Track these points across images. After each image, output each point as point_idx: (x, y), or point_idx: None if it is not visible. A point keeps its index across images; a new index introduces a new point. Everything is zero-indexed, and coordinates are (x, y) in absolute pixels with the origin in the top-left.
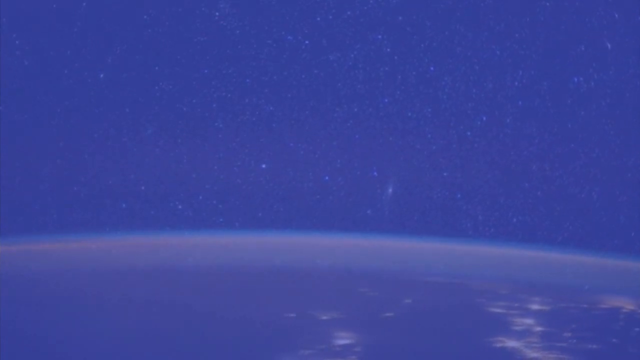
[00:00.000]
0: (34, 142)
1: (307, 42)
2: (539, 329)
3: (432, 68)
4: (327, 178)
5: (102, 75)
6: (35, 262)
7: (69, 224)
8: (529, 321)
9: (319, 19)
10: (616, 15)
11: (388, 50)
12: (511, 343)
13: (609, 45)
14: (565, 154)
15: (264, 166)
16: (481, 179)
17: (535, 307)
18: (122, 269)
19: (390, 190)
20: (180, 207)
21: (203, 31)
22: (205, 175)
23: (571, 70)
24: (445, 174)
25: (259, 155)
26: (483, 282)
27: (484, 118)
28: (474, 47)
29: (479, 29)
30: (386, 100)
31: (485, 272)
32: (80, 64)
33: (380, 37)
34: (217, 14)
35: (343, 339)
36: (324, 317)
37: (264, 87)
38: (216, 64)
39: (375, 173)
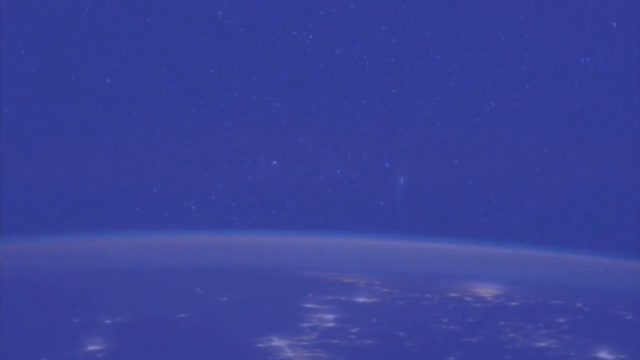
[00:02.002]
0: (45, 149)
1: (311, 37)
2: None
3: (438, 57)
4: (338, 172)
5: (109, 80)
6: (52, 262)
7: (86, 229)
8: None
9: (322, 13)
10: None
11: (393, 40)
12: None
13: (614, 25)
14: (575, 135)
15: (274, 163)
16: (492, 165)
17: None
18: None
19: (402, 180)
20: (193, 207)
21: (207, 31)
22: (216, 175)
23: (578, 51)
24: (456, 161)
25: (269, 152)
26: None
27: (493, 104)
28: (479, 34)
29: (483, 15)
30: (393, 91)
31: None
32: (86, 70)
33: (384, 28)
34: (220, 13)
35: None
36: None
37: (271, 84)
38: (222, 63)
39: (386, 164)
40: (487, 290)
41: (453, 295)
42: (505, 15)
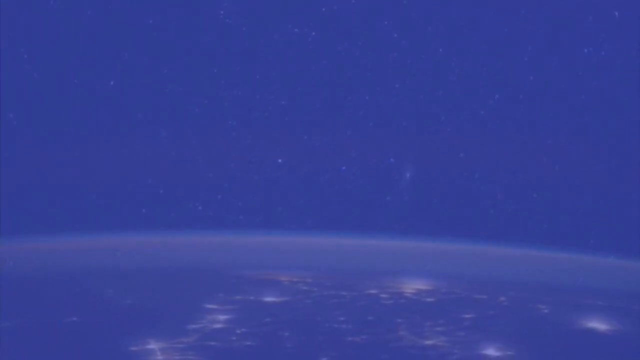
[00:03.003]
0: (50, 152)
1: (313, 33)
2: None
3: (440, 50)
4: (344, 168)
5: (112, 83)
6: (59, 262)
7: (92, 230)
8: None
9: (324, 9)
10: None
11: (395, 35)
12: None
13: (616, 14)
14: (580, 126)
15: (280, 161)
16: (498, 158)
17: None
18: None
19: (408, 175)
20: (200, 207)
21: (209, 31)
22: (222, 174)
23: (581, 41)
24: (461, 154)
25: (275, 151)
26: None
27: (497, 96)
28: (481, 26)
29: (484, 6)
30: (397, 85)
31: None
32: (89, 72)
33: (386, 22)
34: (221, 12)
35: None
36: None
37: (274, 82)
38: (224, 63)
39: (391, 159)
40: (414, 287)
41: (371, 292)
42: (506, 7)
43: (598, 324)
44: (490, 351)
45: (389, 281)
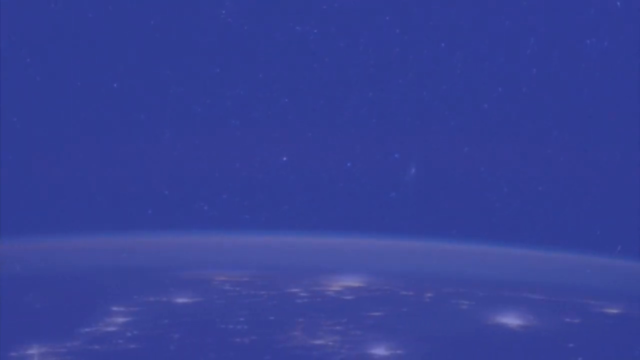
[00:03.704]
0: (56, 155)
1: (315, 31)
2: None
3: (442, 44)
4: (349, 164)
5: (115, 85)
6: (71, 260)
7: (98, 231)
8: None
9: (325, 7)
10: None
11: (397, 31)
12: None
13: (618, 4)
14: (584, 116)
15: (284, 159)
16: (502, 151)
17: None
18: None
19: (413, 170)
20: (205, 207)
21: (211, 31)
22: (227, 174)
23: (583, 33)
24: (466, 148)
25: (279, 149)
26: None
27: (500, 89)
28: (482, 20)
29: (486, 1)
30: (400, 81)
31: None
32: (92, 75)
33: (388, 18)
34: (223, 12)
35: None
36: None
37: (277, 80)
38: (227, 62)
39: (396, 155)
40: (345, 284)
41: (292, 291)
42: (508, 0)
43: (512, 320)
44: (380, 350)
45: (323, 279)
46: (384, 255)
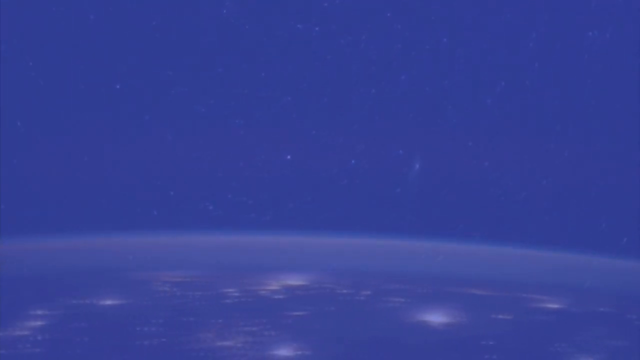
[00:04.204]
0: (60, 158)
1: (317, 28)
2: None
3: (445, 39)
4: (353, 162)
5: (118, 86)
6: (77, 261)
7: (104, 232)
8: None
9: (326, 4)
10: None
11: (399, 27)
12: None
13: None
14: (588, 110)
15: (289, 157)
16: (506, 145)
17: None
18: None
19: (417, 166)
20: (211, 207)
21: (212, 30)
22: (231, 173)
23: (584, 25)
24: (470, 144)
25: (283, 147)
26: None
27: (503, 84)
28: (484, 13)
29: None
30: (402, 77)
31: None
32: (94, 77)
33: (389, 14)
34: (224, 11)
35: None
36: None
37: (279, 79)
38: (229, 62)
39: (400, 152)
40: (285, 283)
41: (227, 291)
42: None
43: (439, 317)
44: (286, 351)
45: (266, 278)
46: (366, 254)
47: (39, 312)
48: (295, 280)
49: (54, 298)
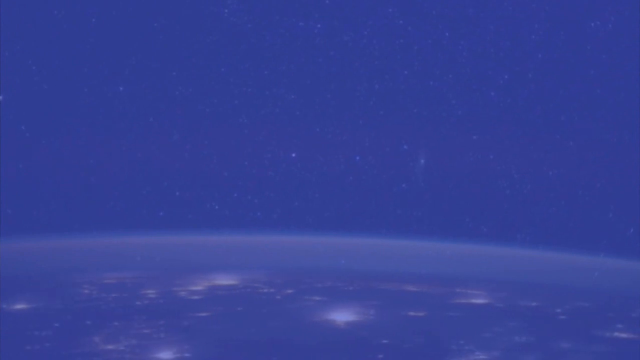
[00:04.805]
0: (67, 162)
1: (319, 26)
2: None
3: (447, 34)
4: (357, 158)
5: (121, 88)
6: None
7: (111, 233)
8: None
9: (327, 1)
10: None
11: (401, 22)
12: None
13: None
14: (591, 99)
15: (294, 155)
16: (511, 137)
17: None
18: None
19: (422, 161)
20: (217, 207)
21: (215, 30)
22: (236, 172)
23: (587, 15)
24: (474, 136)
25: (288, 145)
26: None
27: (506, 76)
28: (486, 7)
29: None
30: (406, 72)
31: None
32: (98, 80)
33: (391, 10)
34: (226, 11)
35: None
36: None
37: (283, 77)
38: (232, 61)
39: (405, 146)
40: (213, 283)
41: (146, 292)
42: None
43: (346, 316)
44: (165, 355)
45: (201, 279)
46: (349, 252)
47: None
48: (226, 280)
49: None
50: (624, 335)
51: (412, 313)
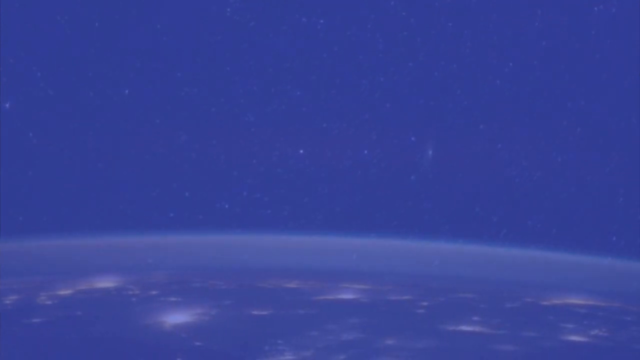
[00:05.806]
0: (75, 167)
1: (322, 21)
2: None
3: (450, 24)
4: (365, 152)
5: (127, 91)
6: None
7: (120, 234)
8: None
9: None
10: None
11: (403, 14)
12: None
13: None
14: (599, 85)
15: (301, 151)
16: (518, 126)
17: None
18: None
19: (430, 152)
20: (227, 206)
21: (218, 30)
22: (245, 171)
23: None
24: (481, 126)
25: (295, 142)
26: None
27: (511, 64)
28: None
29: None
30: (410, 64)
31: None
32: (103, 84)
33: (392, 2)
34: (228, 9)
35: None
36: None
37: (288, 73)
38: (236, 60)
39: (412, 138)
40: (94, 285)
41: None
42: None
43: (182, 317)
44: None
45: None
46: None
47: None
48: (107, 283)
49: None
50: (469, 328)
51: (255, 312)
